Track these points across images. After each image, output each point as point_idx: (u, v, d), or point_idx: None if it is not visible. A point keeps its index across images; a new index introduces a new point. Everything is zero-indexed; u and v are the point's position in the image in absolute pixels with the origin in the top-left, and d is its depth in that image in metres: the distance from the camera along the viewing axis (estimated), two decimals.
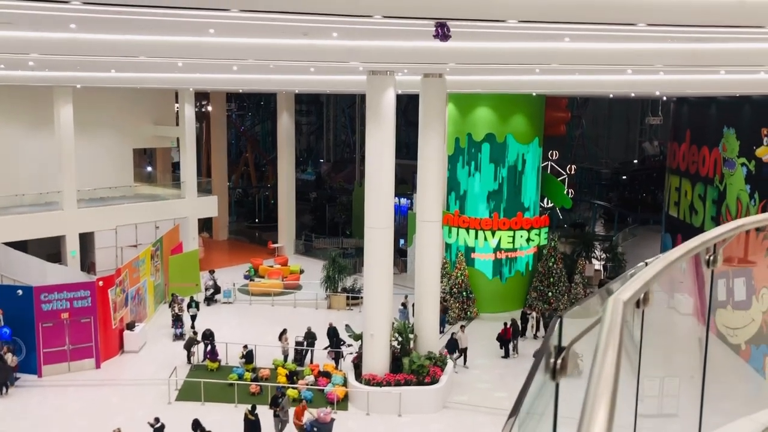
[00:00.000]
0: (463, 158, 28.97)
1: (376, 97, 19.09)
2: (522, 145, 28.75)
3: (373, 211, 19.64)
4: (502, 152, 28.53)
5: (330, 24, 11.42)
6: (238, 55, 14.90)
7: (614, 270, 35.11)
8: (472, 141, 28.77)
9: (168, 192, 36.27)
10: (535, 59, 14.78)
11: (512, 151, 28.61)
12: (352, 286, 30.05)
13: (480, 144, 28.59)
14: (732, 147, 26.15)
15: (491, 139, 28.57)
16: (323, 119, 68.14)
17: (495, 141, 28.54)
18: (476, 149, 28.66)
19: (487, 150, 28.50)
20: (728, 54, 14.46)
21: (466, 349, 23.41)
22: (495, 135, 28.59)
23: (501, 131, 28.58)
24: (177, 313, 25.77)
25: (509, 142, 28.55)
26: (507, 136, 28.62)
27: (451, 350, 22.77)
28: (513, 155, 28.67)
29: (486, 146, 28.50)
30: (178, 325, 25.57)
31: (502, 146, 28.48)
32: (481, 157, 28.65)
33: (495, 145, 28.48)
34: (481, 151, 28.58)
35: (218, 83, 27.20)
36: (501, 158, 28.56)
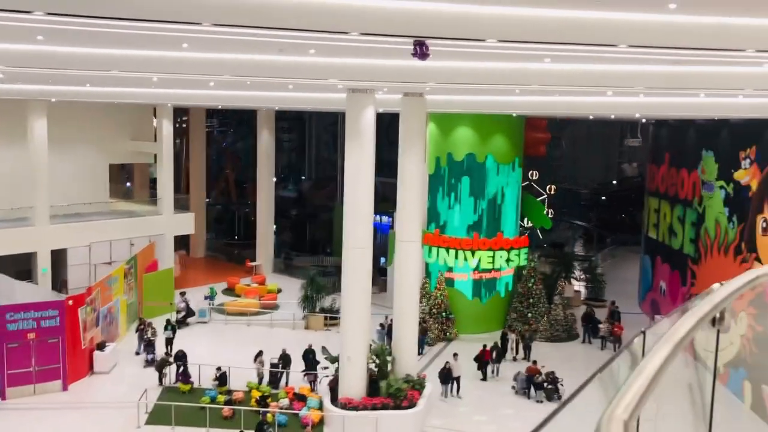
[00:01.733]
0: (443, 189, 28.87)
1: (356, 116, 18.86)
2: (501, 177, 28.74)
3: (351, 231, 19.32)
4: (482, 183, 28.49)
5: (306, 40, 11.17)
6: (214, 70, 14.59)
7: (594, 291, 35.06)
8: (453, 161, 28.64)
9: (144, 208, 35.66)
10: (515, 80, 14.64)
11: (492, 183, 28.59)
12: (330, 306, 29.61)
13: (461, 164, 28.46)
14: (710, 170, 26.23)
15: (471, 159, 28.46)
16: (305, 136, 67.90)
17: (475, 161, 28.42)
18: (456, 179, 28.57)
19: (467, 183, 28.47)
20: (708, 77, 14.43)
21: (459, 378, 22.81)
22: (475, 155, 28.50)
23: (481, 151, 28.50)
24: (150, 338, 24.50)
25: (489, 164, 28.47)
26: (487, 156, 28.55)
27: (445, 380, 22.20)
28: (493, 187, 28.64)
29: (466, 179, 28.47)
30: (149, 351, 24.27)
31: (481, 178, 28.45)
32: (461, 189, 28.60)
33: (475, 177, 28.44)
34: (461, 182, 28.53)
35: (196, 99, 26.85)
36: (481, 191, 28.52)
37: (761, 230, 22.05)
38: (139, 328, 25.39)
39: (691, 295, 27.35)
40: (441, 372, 22.37)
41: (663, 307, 30.74)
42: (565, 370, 24.17)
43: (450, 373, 22.42)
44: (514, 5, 9.42)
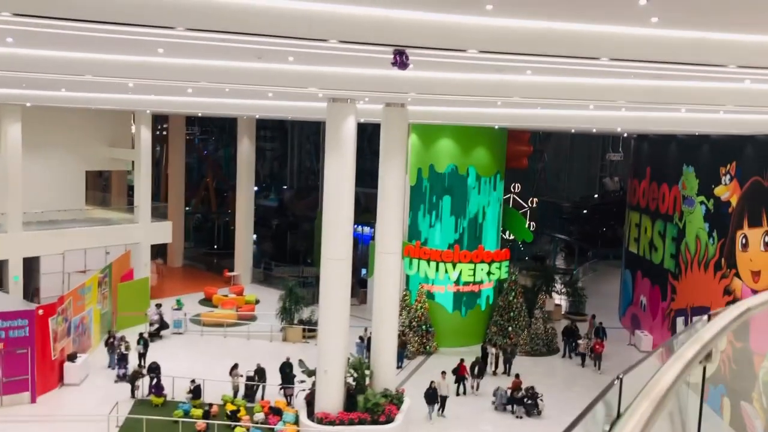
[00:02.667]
0: (425, 206, 28.70)
1: (336, 125, 18.61)
2: (482, 196, 28.65)
3: (330, 242, 19.01)
4: (463, 202, 28.37)
5: (284, 47, 10.92)
6: (190, 76, 14.29)
7: (574, 305, 34.98)
8: (435, 173, 28.49)
9: (121, 216, 35.10)
10: (496, 91, 14.48)
11: (473, 202, 28.49)
12: (309, 318, 29.22)
13: (443, 178, 28.30)
14: (691, 185, 26.30)
15: (453, 172, 28.33)
16: (287, 145, 67.58)
17: (457, 175, 28.28)
18: (438, 197, 28.42)
19: (449, 201, 28.35)
20: (689, 92, 14.39)
21: (446, 397, 22.09)
22: (457, 166, 28.38)
23: (463, 163, 28.39)
24: (123, 352, 23.57)
25: (471, 182, 28.36)
26: (469, 168, 28.45)
27: (430, 400, 21.53)
28: (474, 206, 28.53)
29: (447, 198, 28.34)
30: (122, 365, 23.26)
31: (462, 196, 28.34)
32: (443, 207, 28.47)
33: (456, 195, 28.32)
34: (443, 200, 28.41)
35: (175, 106, 26.44)
36: (462, 210, 28.40)
37: (740, 246, 22.07)
38: (109, 341, 24.41)
39: (672, 311, 27.37)
40: (426, 392, 21.60)
41: (643, 321, 30.72)
42: (545, 385, 23.98)
43: (435, 393, 21.68)
44: (496, 16, 9.26)
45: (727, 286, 22.82)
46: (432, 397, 21.58)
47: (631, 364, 15.39)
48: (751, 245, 21.47)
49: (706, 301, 24.44)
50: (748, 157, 22.10)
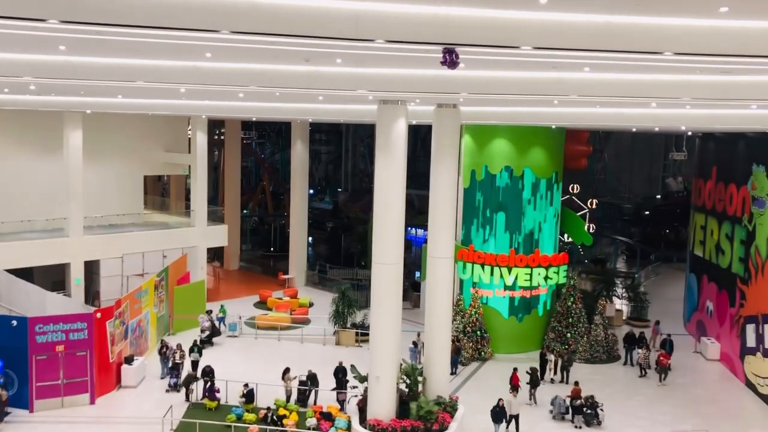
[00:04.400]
0: (478, 221, 28.14)
1: (387, 128, 18.30)
2: (538, 212, 27.92)
3: (380, 246, 18.70)
4: (518, 218, 27.65)
5: (331, 49, 10.67)
6: (239, 81, 14.21)
7: (636, 311, 33.74)
8: (489, 181, 27.84)
9: (178, 220, 35.72)
10: (552, 90, 13.89)
11: (529, 218, 27.76)
12: (362, 322, 29.01)
13: (497, 190, 27.72)
14: (762, 185, 24.93)
15: (509, 172, 27.65)
16: (342, 148, 67.88)
17: (511, 187, 27.57)
18: (492, 211, 27.82)
19: (503, 218, 27.72)
20: (760, 87, 13.52)
21: (517, 416, 20.66)
22: (512, 168, 27.69)
23: (518, 164, 27.69)
24: (176, 361, 23.17)
25: (527, 183, 27.61)
26: (525, 170, 27.72)
27: (497, 419, 20.29)
28: (530, 222, 27.75)
29: (501, 216, 27.71)
30: (174, 374, 22.87)
31: (517, 211, 27.65)
32: (496, 223, 27.84)
33: (510, 212, 27.66)
34: (497, 216, 27.78)
35: (229, 110, 26.64)
36: (516, 226, 27.68)
37: None
38: (161, 351, 24.07)
39: (740, 317, 26.01)
40: (493, 409, 20.34)
41: (710, 328, 29.36)
42: (604, 393, 23.11)
43: (503, 411, 20.35)
44: (551, 10, 8.77)
45: None
46: (499, 416, 20.31)
47: (699, 381, 14.58)
48: None
49: None
50: None
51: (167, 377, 23.27)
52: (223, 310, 29.84)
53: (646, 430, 21.30)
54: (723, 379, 26.27)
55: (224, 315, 29.58)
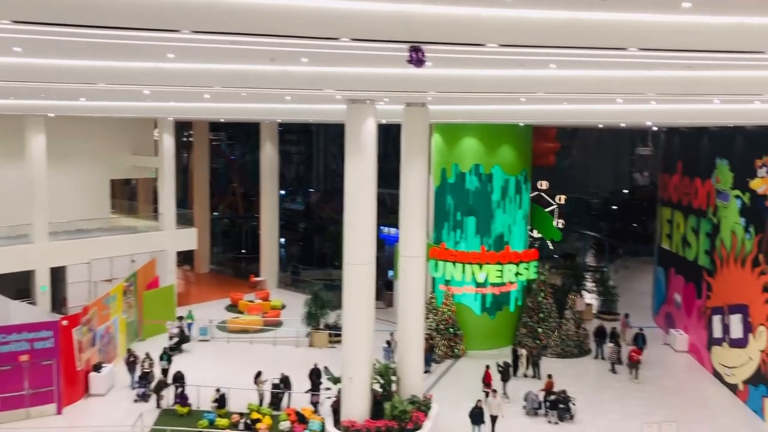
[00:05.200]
0: (449, 224, 28.24)
1: (356, 128, 18.20)
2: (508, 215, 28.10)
3: (352, 246, 18.60)
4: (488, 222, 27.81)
5: (296, 48, 10.52)
6: (203, 81, 13.97)
7: (606, 304, 34.10)
8: (459, 182, 27.92)
9: (147, 224, 35.15)
10: (519, 87, 13.93)
11: (499, 221, 27.92)
12: (335, 323, 28.86)
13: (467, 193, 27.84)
14: (725, 179, 25.37)
15: (478, 171, 27.74)
16: (313, 148, 67.57)
17: (481, 191, 27.68)
18: (463, 214, 27.91)
19: (473, 222, 27.84)
20: (723, 82, 13.68)
21: (496, 417, 20.44)
22: (482, 166, 27.80)
23: (488, 162, 27.81)
24: (146, 370, 22.78)
25: (496, 182, 27.76)
26: (494, 167, 27.84)
27: (476, 420, 20.12)
28: (499, 227, 27.90)
29: (472, 219, 27.84)
30: (142, 384, 22.42)
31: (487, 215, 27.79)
32: (467, 227, 27.92)
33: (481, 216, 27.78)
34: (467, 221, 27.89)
35: (195, 112, 26.31)
36: (486, 230, 27.79)
37: None
38: (129, 360, 23.37)
39: (708, 309, 26.45)
40: (472, 411, 20.15)
41: (678, 320, 29.81)
42: (576, 387, 23.31)
43: (482, 412, 20.16)
44: (516, 7, 8.75)
45: (766, 282, 21.90)
46: (478, 417, 20.12)
47: (668, 373, 14.73)
48: None
49: (743, 299, 23.53)
50: None
51: (136, 387, 22.68)
52: (190, 316, 29.17)
53: (617, 423, 21.52)
54: (691, 370, 26.68)
55: (192, 321, 28.96)
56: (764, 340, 22.03)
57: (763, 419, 21.80)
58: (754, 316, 22.76)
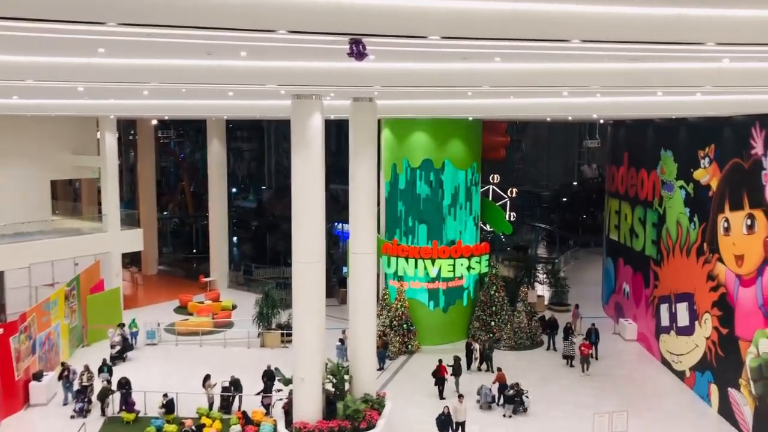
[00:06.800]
0: (401, 230, 28.12)
1: (302, 123, 17.81)
2: (459, 222, 28.04)
3: (300, 245, 18.22)
4: (439, 229, 27.74)
5: (233, 41, 10.12)
6: (139, 77, 13.42)
7: (557, 295, 34.49)
8: (410, 167, 27.82)
9: (91, 225, 34.01)
10: (464, 81, 13.77)
11: (450, 228, 27.84)
12: (287, 322, 28.41)
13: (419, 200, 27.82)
14: (670, 170, 25.83)
15: (428, 166, 27.65)
16: (264, 145, 66.68)
17: (432, 167, 27.62)
18: (414, 220, 27.83)
19: (425, 229, 27.73)
20: (666, 74, 13.79)
21: (463, 423, 20.02)
22: (432, 161, 27.71)
23: (438, 157, 27.74)
24: (84, 384, 21.34)
25: (447, 171, 27.70)
26: (445, 162, 27.79)
27: (443, 427, 19.66)
28: (451, 233, 27.82)
29: (423, 227, 27.74)
30: (80, 399, 20.99)
31: (439, 221, 27.70)
32: (419, 233, 27.82)
33: (432, 224, 27.69)
34: (419, 228, 27.84)
35: (137, 109, 25.49)
36: (438, 235, 27.69)
37: (722, 230, 21.62)
38: (63, 375, 21.84)
39: (655, 298, 26.92)
40: (439, 418, 19.69)
41: (627, 309, 30.31)
42: (529, 380, 23.44)
43: (449, 418, 19.70)
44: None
45: (711, 271, 22.37)
46: (445, 423, 19.67)
47: (618, 362, 14.67)
48: (733, 229, 21.02)
49: (689, 287, 24.01)
50: (726, 140, 21.63)
51: (72, 402, 21.34)
52: (134, 324, 27.73)
53: (569, 413, 21.70)
54: (641, 359, 27.14)
55: (137, 329, 27.67)
56: (709, 327, 22.51)
57: (710, 404, 22.30)
58: (700, 304, 23.24)
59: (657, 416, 21.50)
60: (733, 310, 20.88)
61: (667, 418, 21.51)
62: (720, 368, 21.79)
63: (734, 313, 20.86)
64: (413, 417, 21.17)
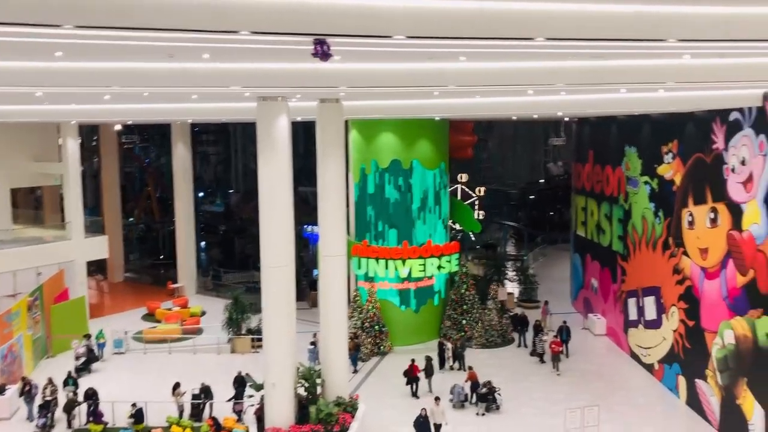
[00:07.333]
0: (371, 234, 28.01)
1: (268, 125, 17.65)
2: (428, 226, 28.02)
3: (268, 249, 18.03)
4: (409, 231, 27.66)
5: (194, 43, 9.93)
6: (99, 81, 13.12)
7: (526, 292, 34.74)
8: (378, 168, 27.76)
9: (54, 234, 33.26)
10: (430, 81, 13.76)
11: (420, 232, 27.80)
12: (257, 327, 28.11)
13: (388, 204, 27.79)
14: (634, 166, 26.19)
15: (397, 167, 27.62)
16: (231, 148, 66.07)
17: (401, 167, 27.60)
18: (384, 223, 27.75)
19: (395, 234, 27.65)
20: (628, 71, 13.95)
21: (440, 425, 19.85)
22: (401, 161, 27.69)
23: (407, 157, 27.73)
24: (47, 398, 20.60)
25: (415, 171, 27.70)
26: (413, 162, 27.79)
27: (421, 429, 19.38)
28: (422, 237, 27.76)
29: (393, 232, 27.65)
30: (43, 413, 20.28)
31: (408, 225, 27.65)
32: (389, 237, 27.74)
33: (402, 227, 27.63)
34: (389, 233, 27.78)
35: (99, 114, 24.98)
36: (408, 237, 27.61)
37: (687, 224, 21.98)
38: (25, 390, 21.13)
39: (623, 293, 27.27)
40: (416, 421, 19.45)
41: (595, 304, 30.66)
42: (501, 377, 23.55)
43: (427, 421, 19.54)
44: None
45: (676, 264, 22.72)
46: (423, 426, 19.48)
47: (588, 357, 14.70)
48: (697, 223, 21.38)
49: (656, 281, 24.36)
50: (689, 135, 21.99)
51: (35, 419, 20.62)
52: (101, 335, 27.01)
53: (541, 410, 21.84)
54: (610, 353, 27.47)
55: (104, 340, 26.97)
56: (676, 320, 22.86)
57: (678, 396, 22.64)
58: (666, 297, 23.59)
59: (627, 410, 21.77)
60: (699, 303, 21.24)
61: (637, 411, 21.79)
62: (687, 360, 22.15)
63: (700, 306, 21.21)
64: (387, 419, 21.11)
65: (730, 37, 9.68)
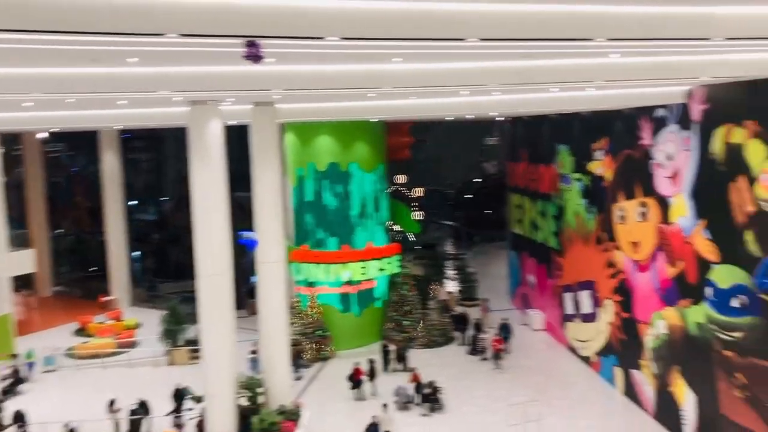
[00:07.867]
0: (311, 244, 27.77)
1: (200, 130, 17.22)
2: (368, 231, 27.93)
3: (204, 257, 17.57)
4: (349, 236, 27.56)
5: (119, 47, 9.55)
6: (17, 88, 12.49)
7: (466, 291, 35.10)
8: (316, 172, 27.52)
9: None
10: (365, 82, 13.67)
11: (360, 237, 27.71)
12: (195, 337, 27.40)
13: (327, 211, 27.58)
14: (566, 163, 26.79)
15: (334, 170, 27.43)
16: (163, 155, 64.44)
17: (339, 170, 27.44)
18: (326, 232, 27.54)
19: (335, 242, 27.53)
20: (558, 71, 14.22)
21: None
22: (338, 164, 27.52)
23: (344, 160, 27.59)
24: None
25: (354, 174, 27.60)
26: (350, 165, 27.66)
27: None
28: (361, 243, 27.70)
29: (334, 240, 27.47)
30: None
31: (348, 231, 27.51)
32: (330, 245, 27.57)
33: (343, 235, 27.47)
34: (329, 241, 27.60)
35: (19, 122, 23.87)
36: (349, 241, 27.56)
37: (618, 219, 22.59)
38: None
39: (559, 287, 27.83)
40: (368, 429, 19.27)
41: (533, 300, 31.21)
42: (444, 376, 23.65)
43: (376, 428, 19.36)
44: None
45: (609, 258, 23.33)
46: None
47: (528, 352, 14.73)
48: (628, 217, 22.00)
49: (590, 275, 24.96)
50: (618, 132, 22.61)
51: None
52: (30, 354, 25.83)
53: (483, 407, 22.03)
54: (549, 347, 28.00)
55: (33, 360, 25.74)
56: (611, 312, 23.47)
57: (615, 387, 23.24)
58: (601, 290, 24.19)
59: (566, 403, 22.19)
60: (632, 295, 21.85)
61: (576, 404, 22.25)
62: (623, 351, 22.76)
63: (633, 298, 21.83)
64: (332, 424, 20.90)
65: (655, 36, 9.95)
